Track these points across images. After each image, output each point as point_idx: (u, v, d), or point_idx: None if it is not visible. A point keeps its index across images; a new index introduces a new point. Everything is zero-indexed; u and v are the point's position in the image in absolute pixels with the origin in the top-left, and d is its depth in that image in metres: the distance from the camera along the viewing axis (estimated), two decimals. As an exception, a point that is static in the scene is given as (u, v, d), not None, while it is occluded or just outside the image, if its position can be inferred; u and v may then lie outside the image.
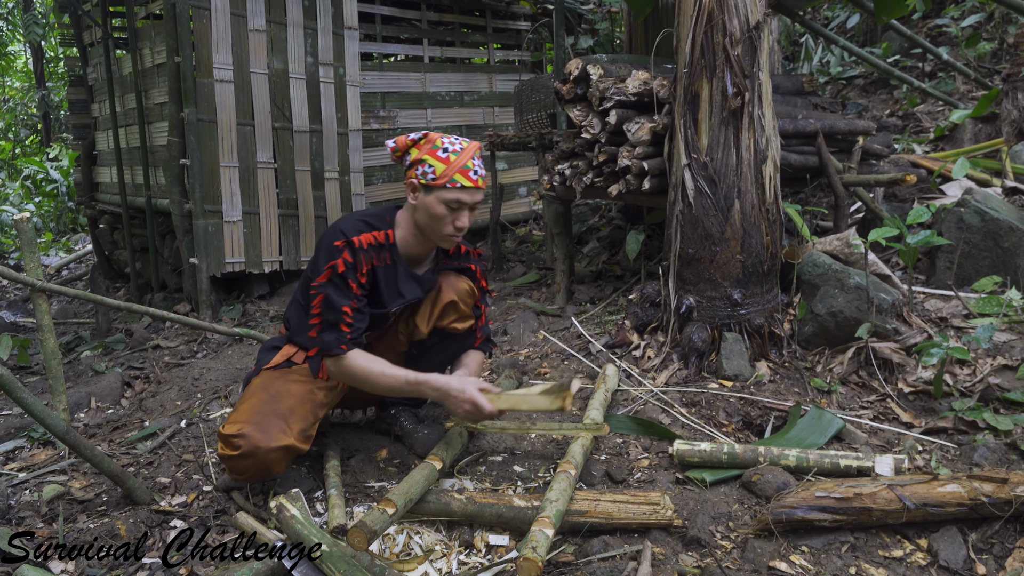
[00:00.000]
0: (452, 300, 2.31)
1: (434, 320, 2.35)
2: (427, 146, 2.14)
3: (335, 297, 2.10)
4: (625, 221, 5.42)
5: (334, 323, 2.10)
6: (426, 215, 2.15)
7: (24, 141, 14.38)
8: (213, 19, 4.88)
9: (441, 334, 2.39)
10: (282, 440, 2.08)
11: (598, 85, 3.53)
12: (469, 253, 2.41)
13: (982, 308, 2.91)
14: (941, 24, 6.88)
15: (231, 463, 2.09)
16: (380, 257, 2.20)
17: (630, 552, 1.82)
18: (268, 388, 2.20)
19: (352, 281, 2.11)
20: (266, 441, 2.05)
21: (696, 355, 2.90)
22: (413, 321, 2.37)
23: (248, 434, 2.05)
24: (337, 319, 2.10)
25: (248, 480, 2.20)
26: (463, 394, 2.09)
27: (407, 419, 2.50)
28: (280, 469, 2.16)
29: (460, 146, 2.14)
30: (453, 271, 2.38)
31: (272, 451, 2.07)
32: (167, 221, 5.64)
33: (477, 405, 2.09)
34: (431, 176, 2.10)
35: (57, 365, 3.10)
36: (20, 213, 3.13)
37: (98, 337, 5.09)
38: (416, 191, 2.16)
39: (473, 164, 2.13)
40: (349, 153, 5.70)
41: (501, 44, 7.40)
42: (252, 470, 2.10)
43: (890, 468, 2.05)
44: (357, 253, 2.12)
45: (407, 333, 2.41)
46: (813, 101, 4.17)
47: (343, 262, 2.10)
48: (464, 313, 2.36)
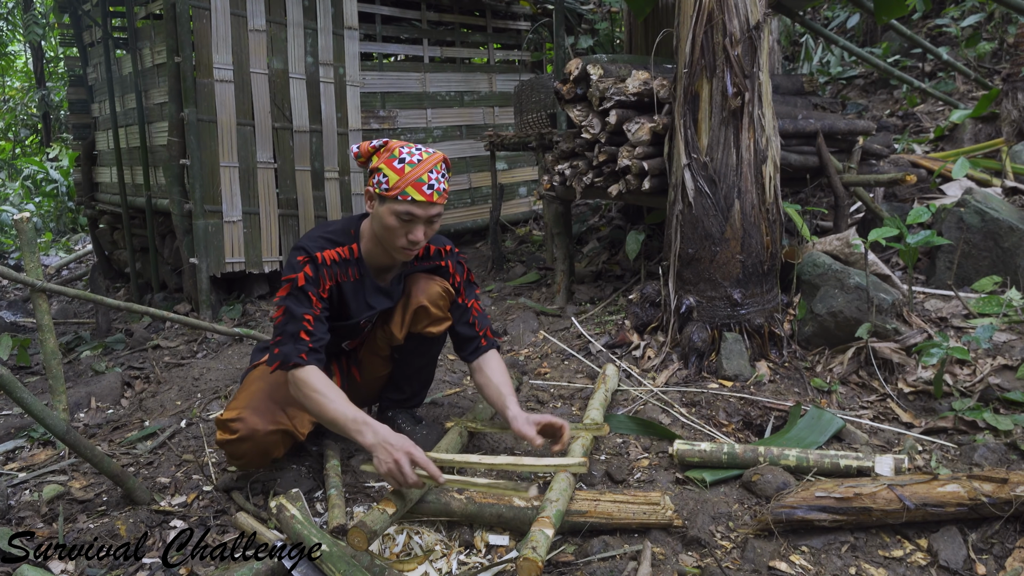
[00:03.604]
0: (422, 305, 2.28)
1: (407, 326, 2.33)
2: (385, 155, 2.08)
3: (295, 308, 2.05)
4: (625, 221, 5.42)
5: (294, 333, 2.03)
6: (380, 226, 2.10)
7: (24, 141, 14.38)
8: (213, 19, 4.88)
9: (417, 339, 2.38)
10: (280, 424, 2.11)
11: (598, 85, 3.53)
12: (440, 252, 2.35)
13: (982, 308, 2.91)
14: (941, 24, 6.88)
15: (230, 448, 2.10)
16: (347, 273, 2.18)
17: (630, 552, 1.82)
18: (266, 378, 2.21)
19: (312, 294, 2.07)
20: (264, 424, 2.07)
21: (696, 355, 2.90)
22: (389, 328, 2.36)
23: (245, 418, 2.06)
24: (297, 329, 2.03)
25: (247, 466, 2.21)
26: (395, 451, 1.83)
27: (405, 420, 2.50)
28: (279, 453, 2.17)
29: (418, 157, 2.06)
30: (423, 273, 2.33)
31: (270, 433, 2.08)
32: (167, 221, 5.64)
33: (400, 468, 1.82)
34: (385, 186, 2.04)
35: (57, 365, 3.10)
36: (20, 213, 3.13)
37: (98, 337, 5.09)
38: (372, 200, 2.12)
39: (430, 178, 2.04)
40: (349, 153, 5.70)
41: (501, 44, 7.40)
42: (251, 454, 2.11)
43: (890, 468, 2.05)
44: (320, 268, 2.10)
45: (386, 338, 2.40)
46: (813, 101, 4.17)
47: (304, 276, 2.06)
48: (436, 316, 2.32)
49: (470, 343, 2.39)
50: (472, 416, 2.48)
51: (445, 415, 2.74)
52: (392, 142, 2.11)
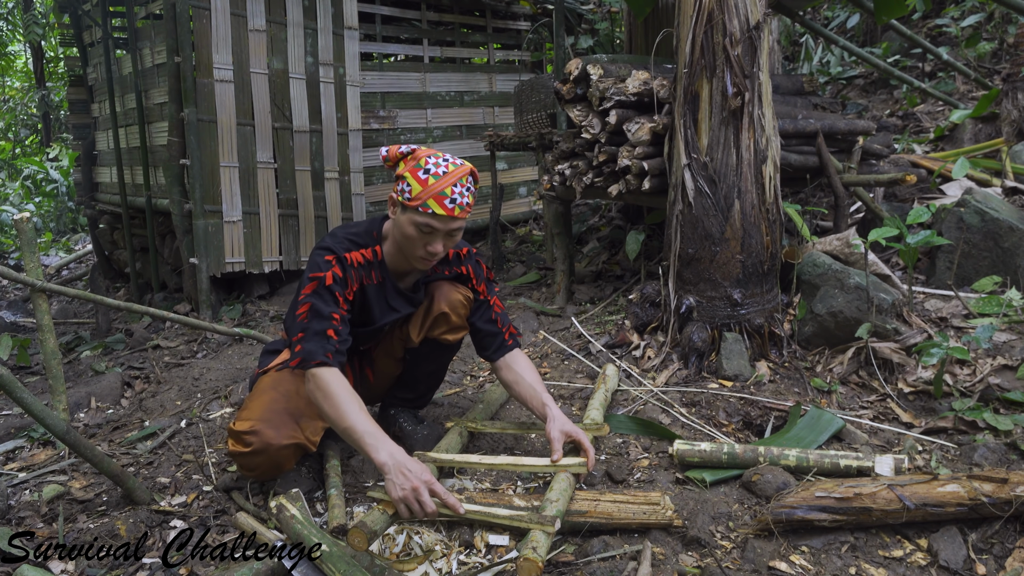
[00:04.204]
0: (443, 312, 2.28)
1: (425, 331, 2.33)
2: (412, 163, 2.04)
3: (322, 306, 2.00)
4: (625, 221, 5.42)
5: (320, 331, 1.98)
6: (400, 233, 2.08)
7: (24, 141, 14.38)
8: (213, 19, 4.88)
9: (432, 344, 2.37)
10: (294, 438, 2.10)
11: (598, 85, 3.53)
12: (459, 255, 2.33)
13: (982, 308, 2.91)
14: (941, 24, 6.88)
15: (242, 460, 2.10)
16: (370, 275, 2.17)
17: (630, 552, 1.82)
18: (278, 387, 2.20)
19: (339, 294, 2.04)
20: (278, 439, 2.06)
21: (696, 355, 2.90)
22: (406, 329, 2.36)
23: (260, 431, 2.05)
24: (324, 327, 1.98)
25: (258, 477, 2.21)
26: (414, 478, 1.78)
27: (407, 420, 2.50)
28: (290, 466, 2.17)
29: (444, 169, 2.01)
30: (447, 280, 2.32)
31: (284, 448, 2.08)
32: (167, 221, 5.64)
33: (419, 497, 1.77)
34: (407, 195, 2.01)
35: (57, 365, 3.10)
36: (20, 213, 3.13)
37: (98, 337, 5.09)
38: (395, 206, 2.09)
39: (453, 191, 2.00)
40: (349, 153, 5.70)
41: (501, 44, 7.40)
42: (263, 467, 2.11)
43: (890, 468, 2.05)
44: (348, 269, 2.08)
45: (401, 340, 2.40)
46: (813, 101, 4.17)
47: (332, 275, 2.03)
48: (455, 324, 2.32)
49: (494, 340, 2.33)
50: (472, 416, 2.48)
51: (445, 415, 2.74)
52: (420, 150, 2.07)
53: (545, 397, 2.22)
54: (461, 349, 3.57)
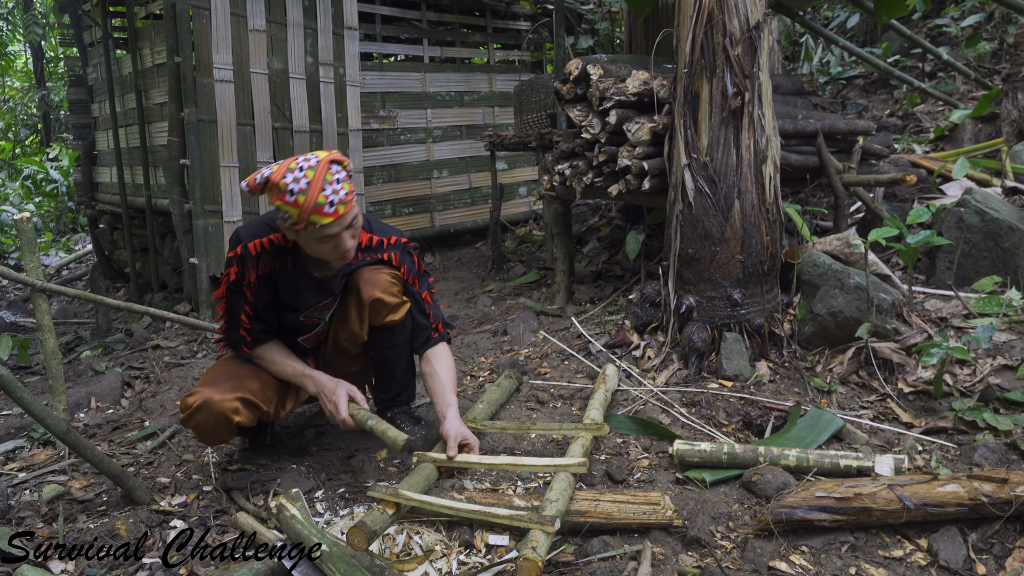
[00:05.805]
0: (376, 298, 2.26)
1: (367, 322, 2.33)
2: (275, 192, 2.01)
3: (234, 303, 2.23)
4: (625, 221, 5.42)
5: (236, 325, 2.26)
6: (307, 250, 2.15)
7: (24, 141, 14.38)
8: (213, 19, 4.88)
9: (381, 331, 2.36)
10: (235, 391, 2.19)
11: (598, 85, 3.53)
12: (383, 243, 2.32)
13: (982, 308, 2.91)
14: (941, 24, 6.88)
15: (190, 423, 2.19)
16: (282, 261, 2.20)
17: (630, 552, 1.82)
18: (225, 365, 2.33)
19: (246, 289, 2.19)
20: (219, 393, 2.16)
21: (696, 355, 2.90)
22: (350, 329, 2.34)
23: (201, 391, 2.17)
24: (238, 323, 2.24)
25: (217, 440, 2.28)
26: (332, 394, 2.23)
27: (404, 420, 2.50)
28: (243, 420, 2.21)
29: (305, 179, 1.98)
30: (366, 266, 2.30)
31: (225, 400, 2.15)
32: (167, 221, 5.63)
33: (337, 408, 2.20)
34: (291, 223, 2.03)
35: (57, 365, 3.10)
36: (20, 213, 3.13)
37: (98, 337, 5.08)
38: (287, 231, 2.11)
39: (327, 196, 1.99)
40: (349, 153, 5.70)
41: (501, 44, 7.40)
42: (211, 422, 2.17)
43: (890, 468, 2.05)
44: (245, 262, 2.16)
45: (350, 339, 2.39)
46: (813, 101, 4.17)
47: (233, 273, 2.19)
48: (393, 304, 2.30)
49: (422, 333, 2.40)
50: (472, 416, 2.47)
51: (445, 415, 2.74)
52: (273, 175, 2.02)
53: (450, 397, 2.29)
54: (461, 349, 3.58)
